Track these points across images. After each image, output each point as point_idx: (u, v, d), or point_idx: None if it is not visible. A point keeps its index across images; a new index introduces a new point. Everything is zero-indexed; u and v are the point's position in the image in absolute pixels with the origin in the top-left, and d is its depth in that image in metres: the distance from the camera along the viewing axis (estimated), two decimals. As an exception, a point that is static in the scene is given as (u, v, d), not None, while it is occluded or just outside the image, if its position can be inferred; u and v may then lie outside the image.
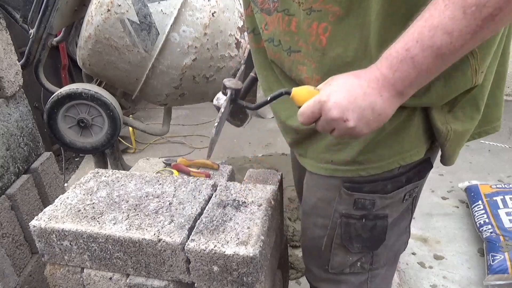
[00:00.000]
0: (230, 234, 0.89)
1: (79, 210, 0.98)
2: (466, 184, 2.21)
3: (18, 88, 1.36)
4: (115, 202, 1.01)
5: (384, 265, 0.97)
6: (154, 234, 0.89)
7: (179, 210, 0.97)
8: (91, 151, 1.98)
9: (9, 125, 1.31)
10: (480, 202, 2.01)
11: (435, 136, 0.80)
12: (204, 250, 0.85)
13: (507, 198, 1.96)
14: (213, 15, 1.68)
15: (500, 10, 0.52)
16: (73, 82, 2.85)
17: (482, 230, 1.86)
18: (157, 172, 1.50)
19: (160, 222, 0.93)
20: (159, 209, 0.98)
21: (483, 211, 1.94)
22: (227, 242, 0.86)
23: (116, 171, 1.15)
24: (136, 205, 1.00)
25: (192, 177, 1.13)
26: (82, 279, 0.99)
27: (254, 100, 3.62)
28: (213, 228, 0.91)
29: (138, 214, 0.96)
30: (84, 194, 1.05)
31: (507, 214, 1.87)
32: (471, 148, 2.79)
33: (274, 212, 1.03)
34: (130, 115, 2.86)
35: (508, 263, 1.63)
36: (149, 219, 0.94)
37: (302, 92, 0.71)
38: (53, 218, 0.96)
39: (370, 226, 0.87)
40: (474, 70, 0.71)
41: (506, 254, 1.66)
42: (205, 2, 1.68)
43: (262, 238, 0.88)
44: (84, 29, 1.68)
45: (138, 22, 1.62)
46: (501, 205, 1.93)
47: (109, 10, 1.60)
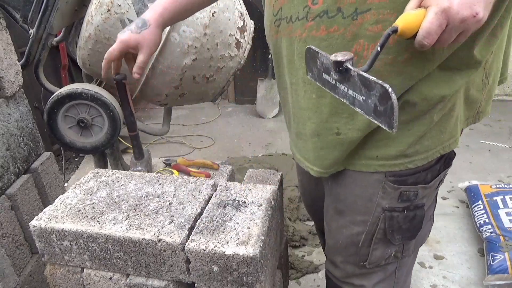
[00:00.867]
0: (230, 234, 0.89)
1: (79, 210, 0.98)
2: (466, 184, 2.21)
3: (18, 88, 1.36)
4: (115, 202, 1.01)
5: (412, 253, 1.00)
6: (154, 234, 0.89)
7: (179, 210, 0.97)
8: (91, 151, 1.98)
9: (9, 125, 1.31)
10: (480, 202, 2.01)
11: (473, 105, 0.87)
12: (204, 250, 0.85)
13: (507, 198, 1.96)
14: (213, 15, 1.68)
15: None
16: (73, 82, 2.85)
17: (482, 230, 1.86)
18: (157, 172, 1.50)
19: (160, 222, 0.93)
20: (159, 209, 0.98)
21: (483, 211, 1.94)
22: (227, 242, 0.86)
23: (116, 171, 1.15)
24: (136, 205, 1.00)
25: (192, 177, 1.13)
26: (82, 279, 0.99)
27: (254, 99, 3.62)
28: (213, 228, 0.91)
29: (138, 214, 0.96)
30: (84, 194, 1.05)
31: (507, 214, 1.87)
32: (471, 148, 2.79)
33: (274, 212, 1.03)
34: (130, 115, 2.85)
35: (508, 263, 1.63)
36: (149, 219, 0.94)
37: (409, 19, 0.62)
38: (53, 218, 0.96)
39: (411, 216, 0.90)
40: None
41: (506, 254, 1.66)
42: (205, 2, 1.68)
43: (262, 238, 0.88)
44: (84, 29, 1.68)
45: (138, 22, 1.62)
46: (501, 205, 1.93)
47: (109, 10, 1.60)
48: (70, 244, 0.94)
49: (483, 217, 1.91)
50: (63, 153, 2.81)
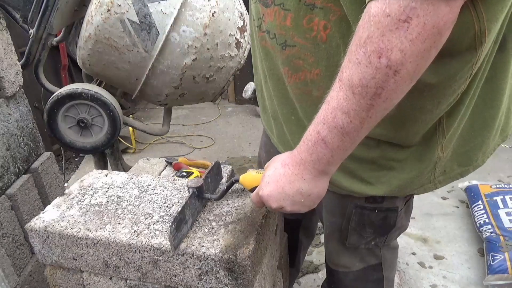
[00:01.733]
0: (229, 234, 0.89)
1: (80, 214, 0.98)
2: (466, 184, 2.21)
3: (18, 88, 1.36)
4: (116, 207, 1.01)
5: (395, 237, 1.05)
6: (153, 236, 0.89)
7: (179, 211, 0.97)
8: (91, 151, 1.98)
9: (9, 125, 1.31)
10: (480, 202, 2.01)
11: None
12: (202, 252, 0.85)
13: (507, 198, 1.96)
14: (213, 15, 1.68)
15: (382, 89, 0.55)
16: (73, 82, 2.85)
17: (482, 230, 1.86)
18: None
19: (159, 225, 0.93)
20: (160, 213, 0.98)
21: (483, 211, 1.95)
22: (226, 242, 0.86)
23: (118, 173, 1.15)
24: (137, 209, 1.00)
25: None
26: (82, 279, 0.99)
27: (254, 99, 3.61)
28: (211, 228, 0.91)
29: (139, 219, 0.96)
30: (84, 197, 1.05)
31: (507, 214, 1.87)
32: (471, 148, 2.79)
33: (274, 211, 1.02)
34: (130, 115, 2.86)
35: (508, 263, 1.63)
36: (150, 224, 0.94)
37: (247, 178, 0.86)
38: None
39: (381, 216, 0.93)
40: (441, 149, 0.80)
41: (506, 254, 1.66)
42: (205, 2, 1.68)
43: (260, 237, 0.88)
44: (84, 29, 1.68)
45: (138, 22, 1.62)
46: (501, 205, 1.93)
47: (109, 10, 1.60)
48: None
49: (483, 217, 1.91)
50: (63, 153, 2.81)
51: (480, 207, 1.98)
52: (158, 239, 0.87)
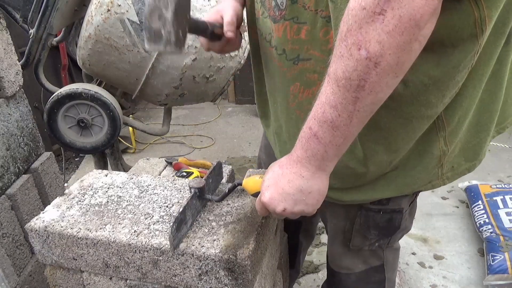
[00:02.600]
0: (229, 234, 0.89)
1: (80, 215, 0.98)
2: (466, 184, 2.21)
3: (18, 88, 1.36)
4: (116, 207, 1.01)
5: (399, 239, 1.05)
6: (153, 236, 0.89)
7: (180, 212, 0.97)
8: (91, 151, 1.98)
9: (9, 125, 1.31)
10: (480, 202, 2.01)
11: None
12: (202, 252, 0.85)
13: (507, 198, 1.96)
14: (213, 15, 1.68)
15: (364, 81, 0.56)
16: (73, 82, 2.85)
17: (482, 230, 1.86)
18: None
19: (159, 225, 0.93)
20: (160, 213, 0.98)
21: (483, 211, 1.95)
22: (226, 243, 0.86)
23: (118, 173, 1.15)
24: (137, 209, 1.00)
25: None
26: (82, 279, 0.99)
27: (254, 99, 3.61)
28: (211, 228, 0.91)
29: (139, 219, 0.96)
30: (84, 197, 1.05)
31: (507, 214, 1.87)
32: (471, 148, 2.79)
33: (279, 217, 1.02)
34: (130, 115, 2.86)
35: (508, 263, 1.63)
36: (150, 224, 0.94)
37: (250, 183, 0.85)
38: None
39: (386, 218, 0.93)
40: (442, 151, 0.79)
41: (506, 254, 1.66)
42: (205, 2, 1.68)
43: (260, 238, 0.88)
44: (84, 29, 1.68)
45: (138, 22, 1.62)
46: (501, 205, 1.93)
47: (109, 10, 1.60)
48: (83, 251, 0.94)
49: (483, 217, 1.91)
50: (63, 153, 2.81)
51: (480, 207, 1.98)
52: (158, 239, 0.87)
